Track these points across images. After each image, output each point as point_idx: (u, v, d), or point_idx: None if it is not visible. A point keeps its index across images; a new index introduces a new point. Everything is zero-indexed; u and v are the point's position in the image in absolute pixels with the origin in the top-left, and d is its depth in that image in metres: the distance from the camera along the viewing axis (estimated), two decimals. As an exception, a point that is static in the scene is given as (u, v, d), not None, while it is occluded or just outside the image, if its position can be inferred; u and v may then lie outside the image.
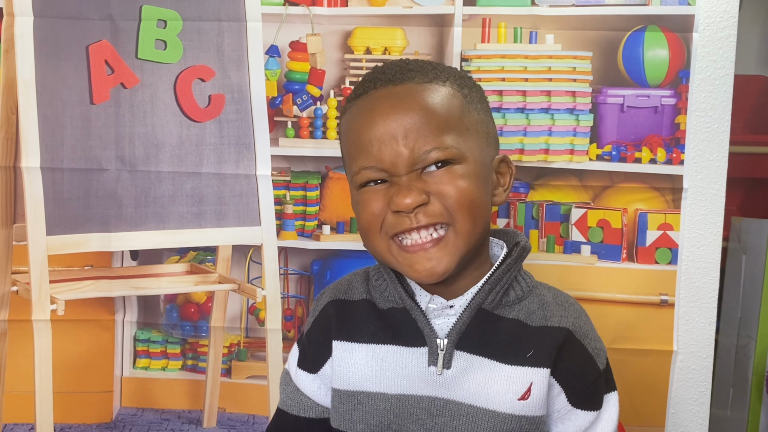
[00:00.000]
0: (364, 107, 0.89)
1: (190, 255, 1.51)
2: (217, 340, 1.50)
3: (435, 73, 0.90)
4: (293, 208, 1.46)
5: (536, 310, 0.92)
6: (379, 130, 0.86)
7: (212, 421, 1.51)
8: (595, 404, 0.93)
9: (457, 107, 0.89)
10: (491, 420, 0.89)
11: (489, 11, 1.41)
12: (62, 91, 1.39)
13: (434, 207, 0.85)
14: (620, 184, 1.43)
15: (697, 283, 1.42)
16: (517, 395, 0.89)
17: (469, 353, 0.90)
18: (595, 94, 1.41)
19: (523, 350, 0.89)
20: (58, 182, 1.40)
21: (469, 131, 0.89)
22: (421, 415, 0.90)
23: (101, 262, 1.50)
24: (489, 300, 0.90)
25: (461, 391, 0.90)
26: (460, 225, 0.86)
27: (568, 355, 0.91)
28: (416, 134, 0.85)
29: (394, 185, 0.87)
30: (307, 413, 0.99)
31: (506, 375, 0.89)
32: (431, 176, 0.86)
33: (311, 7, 1.42)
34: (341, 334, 0.94)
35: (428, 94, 0.87)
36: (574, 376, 0.91)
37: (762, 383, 1.78)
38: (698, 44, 1.38)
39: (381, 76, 0.90)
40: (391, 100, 0.87)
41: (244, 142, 1.43)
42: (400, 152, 0.85)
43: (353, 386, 0.93)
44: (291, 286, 1.50)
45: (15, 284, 1.44)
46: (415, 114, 0.86)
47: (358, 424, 0.93)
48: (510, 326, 0.90)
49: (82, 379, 1.50)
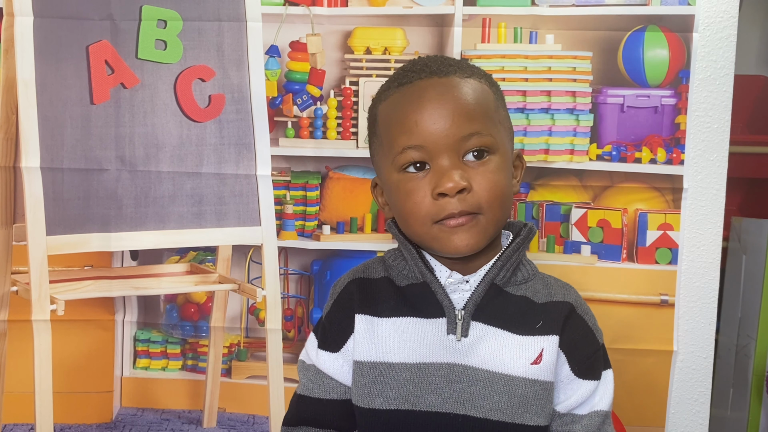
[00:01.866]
0: (410, 94, 0.95)
1: (190, 255, 1.51)
2: (217, 340, 1.50)
3: (471, 71, 0.99)
4: (293, 208, 1.46)
5: (541, 290, 1.00)
6: (426, 112, 0.93)
7: (212, 421, 1.51)
8: (595, 375, 1.00)
9: (492, 102, 0.98)
10: (507, 384, 0.95)
11: (489, 11, 1.41)
12: (62, 91, 1.39)
13: (473, 197, 0.93)
14: (620, 184, 1.43)
15: (697, 283, 1.42)
16: (530, 360, 0.96)
17: (484, 323, 0.97)
18: (595, 94, 1.41)
19: (532, 323, 0.97)
20: (58, 182, 1.40)
21: (500, 125, 0.98)
22: (440, 383, 0.95)
23: (101, 262, 1.50)
24: (500, 276, 0.98)
25: (477, 358, 0.96)
26: (492, 214, 0.95)
27: (571, 327, 0.99)
28: (460, 119, 0.93)
29: (435, 172, 0.93)
30: (330, 394, 1.02)
31: (518, 343, 0.96)
32: (469, 166, 0.94)
33: (311, 7, 1.42)
34: (364, 308, 0.99)
35: (469, 87, 0.96)
36: (577, 347, 0.98)
37: (762, 383, 1.78)
38: (698, 44, 1.38)
39: (425, 68, 0.97)
40: (438, 88, 0.94)
41: (244, 142, 1.43)
42: (444, 132, 0.92)
43: (375, 357, 0.97)
44: (291, 286, 1.50)
45: (15, 284, 1.44)
46: (459, 102, 0.94)
47: (376, 398, 0.96)
48: (519, 302, 0.98)
49: (82, 379, 1.50)
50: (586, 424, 0.98)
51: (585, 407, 0.99)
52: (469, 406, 0.95)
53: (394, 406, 0.96)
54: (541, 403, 0.96)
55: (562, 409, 0.99)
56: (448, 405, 0.95)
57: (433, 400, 0.95)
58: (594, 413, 0.99)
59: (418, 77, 0.96)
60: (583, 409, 0.99)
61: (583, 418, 0.99)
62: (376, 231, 1.47)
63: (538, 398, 0.95)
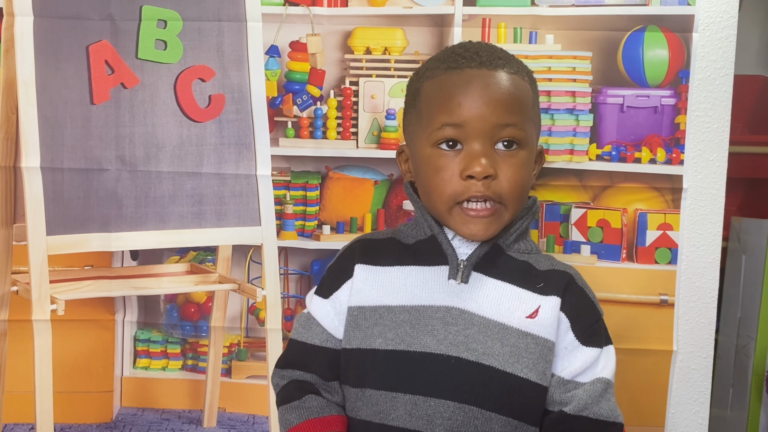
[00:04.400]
0: (458, 78, 1.01)
1: (191, 255, 1.51)
2: (217, 339, 1.50)
3: (517, 67, 1.05)
4: (293, 208, 1.46)
5: (543, 260, 1.07)
6: (470, 97, 0.99)
7: (212, 421, 1.51)
8: (597, 343, 1.04)
9: (531, 100, 1.05)
10: (500, 332, 0.99)
11: (489, 11, 1.41)
12: (62, 91, 1.39)
13: (497, 185, 0.99)
14: (620, 184, 1.43)
15: (697, 283, 1.42)
16: (526, 313, 1.00)
17: (484, 274, 1.03)
18: (595, 94, 1.41)
19: (533, 282, 1.03)
20: (58, 182, 1.40)
21: (532, 122, 1.04)
22: (436, 325, 1.00)
23: (101, 262, 1.50)
24: (503, 238, 1.04)
25: (475, 303, 1.01)
26: (512, 206, 1.01)
27: (572, 294, 1.04)
28: (500, 108, 0.99)
29: (466, 153, 0.99)
30: (314, 340, 1.07)
31: (517, 295, 1.02)
32: (498, 155, 1.00)
33: (311, 7, 1.42)
34: (364, 259, 1.06)
35: (513, 83, 1.02)
36: (579, 314, 1.03)
37: (762, 383, 1.78)
38: (698, 44, 1.38)
39: (476, 57, 1.03)
40: (486, 79, 1.00)
41: (244, 142, 1.43)
42: (483, 117, 0.99)
43: (374, 302, 1.03)
44: (291, 286, 1.50)
45: (15, 284, 1.44)
46: (502, 94, 1.00)
47: (377, 339, 1.01)
48: (521, 265, 1.05)
49: (82, 379, 1.50)
50: (588, 389, 1.01)
51: (587, 375, 1.02)
52: (463, 348, 0.98)
53: (391, 347, 1.00)
54: (534, 357, 0.99)
55: (567, 375, 1.01)
56: (443, 347, 0.99)
57: (428, 341, 0.99)
58: (596, 380, 1.02)
59: (468, 65, 1.01)
60: (586, 376, 1.02)
61: (586, 384, 1.02)
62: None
63: (530, 352, 0.99)
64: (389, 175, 1.47)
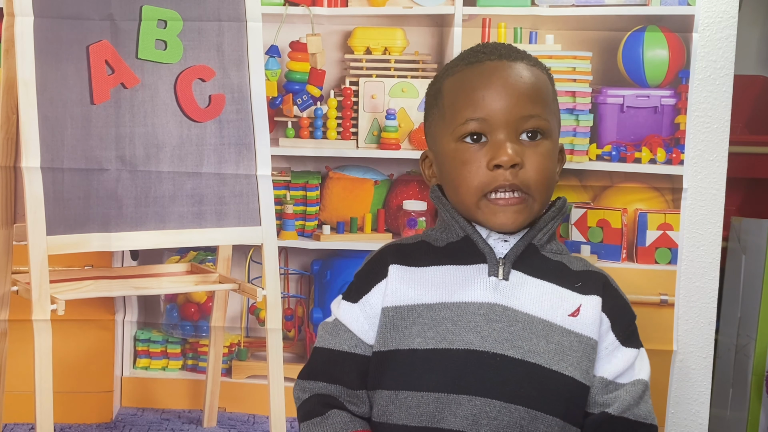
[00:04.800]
0: (479, 72, 1.02)
1: (191, 255, 1.52)
2: (217, 339, 1.50)
3: (536, 62, 1.07)
4: (293, 208, 1.46)
5: (575, 262, 1.07)
6: (492, 89, 1.00)
7: (212, 421, 1.51)
8: (635, 344, 1.04)
9: (550, 92, 1.07)
10: (545, 329, 0.98)
11: (489, 11, 1.41)
12: (62, 91, 1.39)
13: (524, 174, 0.99)
14: (620, 184, 1.43)
15: (696, 283, 1.42)
16: (568, 311, 1.00)
17: (524, 273, 1.02)
18: (595, 94, 1.41)
19: (571, 282, 1.03)
20: (59, 182, 1.40)
21: (554, 116, 1.06)
22: (479, 321, 0.98)
23: (101, 262, 1.50)
24: (538, 238, 1.04)
25: (518, 300, 0.99)
26: (539, 195, 1.01)
27: (610, 294, 1.04)
28: (523, 99, 1.00)
29: (492, 144, 1.00)
30: (342, 346, 1.04)
31: (558, 293, 1.01)
32: (523, 145, 1.00)
33: (311, 7, 1.42)
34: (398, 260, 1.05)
35: (534, 75, 1.04)
36: (619, 314, 1.03)
37: (762, 383, 1.78)
38: (698, 44, 1.38)
39: (495, 51, 1.05)
40: (506, 71, 1.01)
41: (244, 142, 1.43)
42: (506, 109, 0.99)
43: (412, 300, 1.01)
44: (291, 286, 1.50)
45: (15, 284, 1.44)
46: (524, 85, 1.01)
47: (415, 339, 0.98)
48: (556, 265, 1.04)
49: (82, 379, 1.50)
50: (629, 390, 1.01)
51: (627, 376, 1.02)
52: (508, 345, 0.96)
53: (431, 345, 0.97)
54: (578, 356, 0.98)
55: (608, 375, 1.01)
56: (487, 344, 0.96)
57: (471, 338, 0.97)
58: (636, 381, 1.02)
59: (488, 58, 1.03)
60: (626, 378, 1.02)
61: (627, 385, 1.01)
62: (376, 231, 1.47)
63: (574, 350, 0.98)
64: (389, 175, 1.47)
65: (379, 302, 1.03)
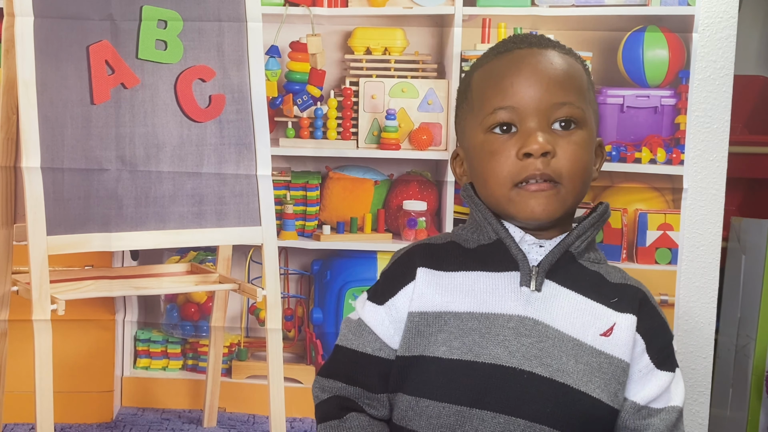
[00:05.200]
0: (508, 60, 0.98)
1: (191, 255, 1.52)
2: (217, 339, 1.50)
3: (569, 50, 1.02)
4: (293, 208, 1.46)
5: (613, 272, 1.01)
6: (522, 76, 0.96)
7: (212, 421, 1.51)
8: (671, 367, 0.99)
9: (585, 81, 1.01)
10: (575, 348, 0.93)
11: (489, 11, 1.41)
12: (63, 91, 1.39)
13: (557, 162, 0.94)
14: (620, 184, 1.43)
15: (696, 283, 1.42)
16: (600, 330, 0.94)
17: (558, 284, 0.96)
18: (595, 95, 1.41)
19: (607, 296, 0.97)
20: (59, 182, 1.40)
21: (589, 105, 1.00)
22: (508, 335, 0.93)
23: (102, 262, 1.50)
24: (575, 245, 0.98)
25: (549, 315, 0.94)
26: (572, 185, 0.96)
27: (647, 314, 0.98)
28: (555, 86, 0.95)
29: (522, 133, 0.95)
30: (365, 348, 1.00)
31: (591, 309, 0.95)
32: (556, 134, 0.95)
33: (311, 8, 1.42)
34: (427, 263, 0.99)
35: (566, 62, 0.99)
36: (656, 334, 0.98)
37: (762, 383, 1.78)
38: (698, 44, 1.38)
39: (525, 39, 1.01)
40: (536, 57, 0.97)
41: (244, 142, 1.43)
42: (537, 97, 0.95)
43: (439, 307, 0.96)
44: (291, 286, 1.50)
45: (15, 284, 1.44)
46: (555, 71, 0.96)
47: (441, 347, 0.94)
48: (593, 276, 0.99)
49: (82, 379, 1.50)
50: (664, 418, 0.96)
51: (661, 401, 0.97)
52: (537, 363, 0.91)
53: (456, 356, 0.92)
54: (606, 378, 0.93)
55: (641, 400, 0.96)
56: (515, 360, 0.92)
57: (499, 352, 0.92)
58: (670, 408, 0.97)
59: (517, 47, 0.99)
60: (660, 402, 0.97)
61: (661, 411, 0.97)
62: (376, 231, 1.47)
63: (603, 371, 0.93)
64: (389, 175, 1.47)
65: (406, 306, 0.98)
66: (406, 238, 1.46)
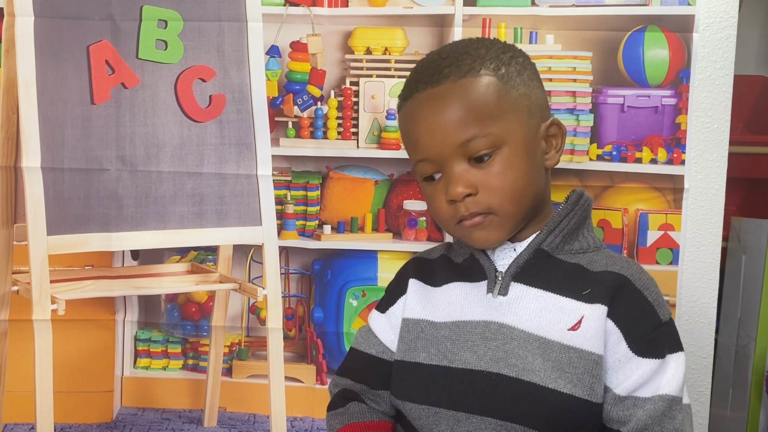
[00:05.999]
0: (411, 110, 0.99)
1: (191, 255, 1.52)
2: (218, 339, 1.50)
3: (469, 64, 0.96)
4: (294, 207, 1.46)
5: (599, 260, 0.99)
6: (422, 128, 0.96)
7: (213, 421, 1.51)
8: (657, 354, 0.93)
9: (492, 95, 0.96)
10: (541, 346, 0.94)
11: (489, 11, 1.41)
12: (63, 91, 1.39)
13: (481, 198, 0.95)
14: (621, 184, 1.43)
15: (697, 283, 1.42)
16: (568, 326, 0.94)
17: (526, 285, 0.98)
18: (596, 94, 1.41)
19: (580, 288, 0.96)
20: (59, 182, 1.40)
21: (507, 113, 0.96)
22: (476, 340, 0.97)
23: (102, 261, 1.50)
24: (548, 241, 0.99)
25: (514, 317, 0.96)
26: (506, 212, 0.96)
27: (626, 300, 0.94)
28: (456, 126, 0.94)
29: (445, 178, 0.96)
30: (370, 349, 1.08)
31: (559, 305, 0.95)
32: (478, 169, 0.95)
33: (312, 8, 1.42)
34: (419, 276, 1.07)
35: (464, 91, 0.95)
36: (634, 321, 0.94)
37: (762, 383, 1.78)
38: (698, 44, 1.38)
39: (420, 77, 0.98)
40: (431, 101, 0.96)
41: (244, 142, 1.43)
42: (441, 143, 0.95)
43: (419, 315, 1.03)
44: (292, 286, 1.50)
45: (15, 284, 1.44)
46: (453, 110, 0.94)
47: (421, 353, 1.01)
48: (570, 268, 0.98)
49: (82, 379, 1.50)
50: (649, 409, 0.92)
51: (647, 389, 0.93)
52: (503, 364, 0.94)
53: (435, 362, 0.99)
54: (578, 372, 0.92)
55: (622, 391, 0.93)
56: (483, 362, 0.95)
57: (468, 357, 0.97)
58: (659, 397, 0.92)
59: (415, 90, 0.98)
60: (646, 391, 0.93)
61: (647, 401, 0.92)
62: (376, 231, 1.47)
63: (574, 366, 0.92)
64: (389, 175, 1.47)
65: (401, 314, 1.06)
66: (406, 237, 1.46)
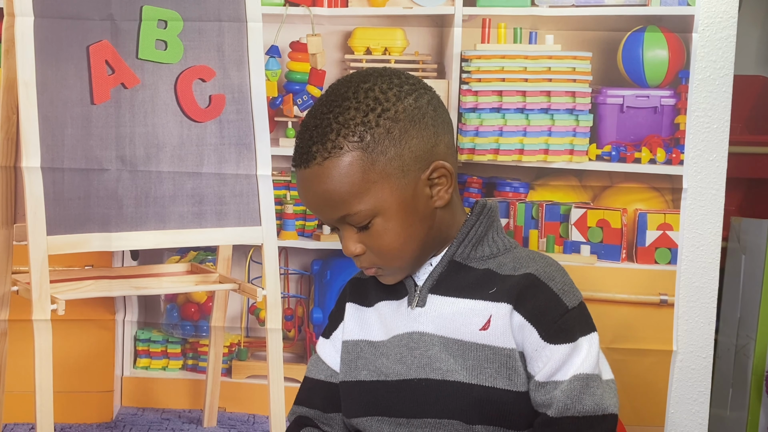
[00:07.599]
0: (297, 180, 1.04)
1: (191, 255, 1.52)
2: (217, 339, 1.50)
3: (333, 141, 0.97)
4: (293, 208, 1.47)
5: (508, 263, 1.04)
6: (306, 202, 1.05)
7: (212, 421, 1.51)
8: (567, 338, 0.99)
9: (356, 173, 0.98)
10: (459, 348, 1.01)
11: (489, 11, 1.41)
12: (63, 91, 1.39)
13: (369, 257, 1.03)
14: (620, 184, 1.43)
15: (696, 283, 1.42)
16: (478, 326, 1.01)
17: (441, 295, 1.05)
18: (595, 95, 1.41)
19: (488, 289, 1.02)
20: (59, 182, 1.40)
21: (375, 184, 0.98)
22: (403, 352, 1.04)
23: (102, 261, 1.50)
24: (459, 252, 1.05)
25: (432, 325, 1.03)
26: (392, 266, 1.03)
27: (533, 295, 1.00)
28: (326, 206, 1.01)
29: (340, 236, 1.04)
30: (319, 375, 1.14)
31: (470, 308, 1.02)
32: (362, 233, 1.01)
33: (311, 8, 1.42)
34: (353, 299, 1.12)
35: (328, 174, 0.98)
36: (542, 313, 1.00)
37: (761, 383, 1.79)
38: (698, 44, 1.38)
39: (295, 153, 1.02)
40: (305, 183, 1.01)
41: (244, 142, 1.43)
42: (324, 217, 1.04)
43: (357, 336, 1.09)
44: (291, 286, 1.50)
45: (15, 284, 1.44)
46: (322, 194, 1.00)
47: (362, 371, 1.07)
48: (480, 274, 1.04)
49: (82, 378, 1.50)
50: (566, 389, 0.97)
51: (564, 372, 0.98)
52: (429, 369, 1.01)
53: (374, 378, 1.05)
54: (496, 366, 0.99)
55: (542, 377, 0.99)
56: (412, 371, 1.03)
57: (400, 368, 1.03)
58: (574, 377, 0.98)
59: (295, 163, 1.03)
60: (563, 374, 0.98)
61: (564, 383, 0.98)
62: (376, 231, 1.47)
63: (491, 362, 1.00)
64: (389, 175, 1.47)
65: (341, 337, 1.12)
66: (406, 238, 1.46)
